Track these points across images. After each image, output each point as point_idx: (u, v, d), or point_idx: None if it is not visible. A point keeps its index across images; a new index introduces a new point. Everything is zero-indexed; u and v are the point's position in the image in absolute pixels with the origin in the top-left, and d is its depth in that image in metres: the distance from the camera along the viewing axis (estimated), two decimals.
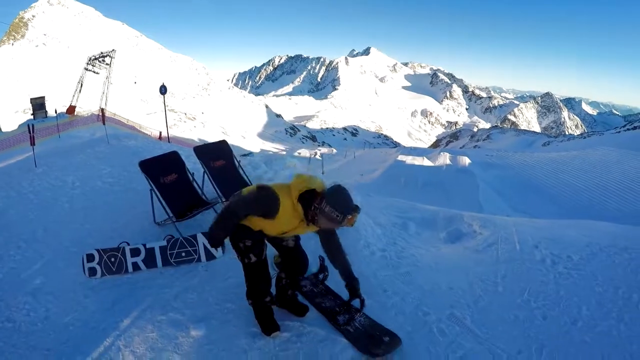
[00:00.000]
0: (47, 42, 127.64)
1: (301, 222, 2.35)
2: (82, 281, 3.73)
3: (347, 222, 2.19)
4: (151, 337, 2.73)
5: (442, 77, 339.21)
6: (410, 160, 31.29)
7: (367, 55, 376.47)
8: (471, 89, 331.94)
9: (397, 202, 6.45)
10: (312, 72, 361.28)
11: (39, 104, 27.29)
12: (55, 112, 20.51)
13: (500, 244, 4.14)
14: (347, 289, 2.72)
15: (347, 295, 2.79)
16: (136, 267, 3.78)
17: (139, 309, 3.09)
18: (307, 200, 2.27)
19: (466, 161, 32.04)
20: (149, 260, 3.79)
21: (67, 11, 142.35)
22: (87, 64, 29.94)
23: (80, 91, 30.19)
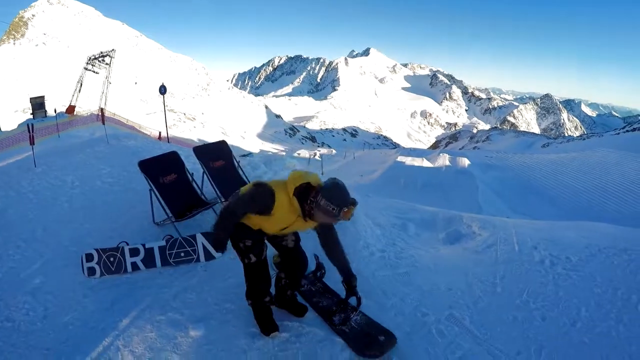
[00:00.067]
0: (47, 41, 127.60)
1: (298, 217, 2.34)
2: (82, 281, 3.73)
3: (344, 216, 2.17)
4: (150, 337, 2.73)
5: (441, 78, 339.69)
6: (409, 161, 31.31)
7: (366, 56, 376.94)
8: (471, 90, 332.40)
9: (397, 203, 6.46)
10: (311, 72, 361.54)
11: (38, 104, 27.30)
12: (54, 111, 20.52)
13: (499, 245, 4.14)
14: (344, 285, 2.70)
15: (344, 292, 2.78)
16: (135, 267, 3.78)
17: (138, 308, 3.09)
18: (303, 194, 2.27)
19: (465, 162, 32.08)
20: (148, 260, 3.79)
21: (67, 10, 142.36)
22: (87, 63, 29.94)
23: (79, 91, 30.18)
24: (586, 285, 3.32)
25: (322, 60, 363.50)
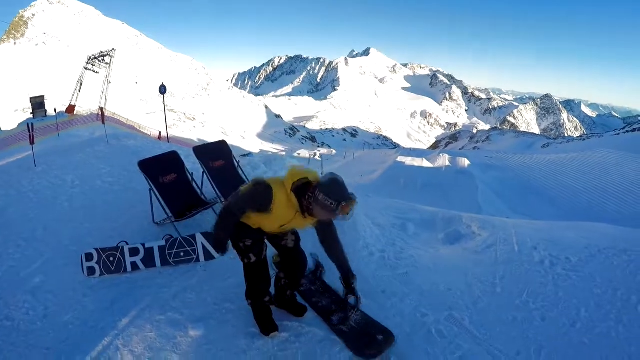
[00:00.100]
0: (47, 41, 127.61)
1: (297, 213, 2.34)
2: (82, 280, 3.72)
3: (342, 211, 2.15)
4: (150, 337, 2.73)
5: (441, 78, 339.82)
6: (409, 161, 31.34)
7: (366, 56, 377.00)
8: (471, 91, 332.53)
9: (396, 203, 6.46)
10: (311, 72, 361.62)
11: (38, 103, 27.29)
12: (54, 111, 20.51)
13: (499, 246, 4.14)
14: (342, 282, 2.69)
15: (343, 291, 2.77)
16: (135, 266, 3.78)
17: (137, 308, 3.09)
18: (301, 190, 2.26)
19: (465, 162, 32.12)
20: (148, 259, 3.78)
21: (67, 10, 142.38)
22: (87, 63, 29.91)
23: (79, 90, 30.16)
24: (586, 285, 3.32)
25: (322, 60, 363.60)
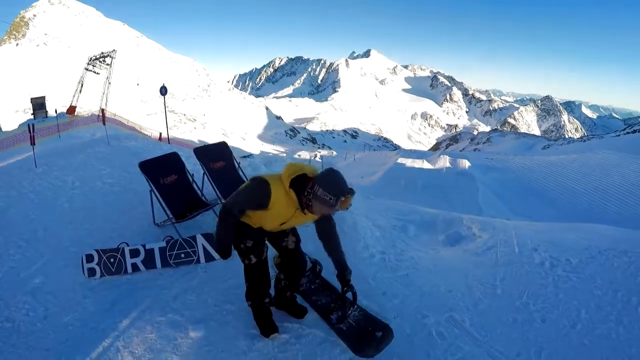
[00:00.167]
0: (48, 41, 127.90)
1: (297, 210, 2.32)
2: (82, 281, 3.72)
3: (341, 205, 2.13)
4: (150, 338, 2.73)
5: (442, 79, 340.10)
6: (410, 162, 31.37)
7: (367, 57, 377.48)
8: (471, 92, 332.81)
9: (397, 204, 6.46)
10: (312, 74, 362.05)
11: (39, 104, 27.30)
12: (55, 112, 20.52)
13: (499, 247, 4.14)
14: (338, 279, 2.65)
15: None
16: (135, 268, 3.77)
17: (138, 309, 3.09)
18: (299, 185, 2.24)
19: (466, 164, 32.14)
20: (148, 261, 3.78)
21: (68, 11, 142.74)
22: (88, 64, 29.99)
23: (80, 91, 30.22)
24: (586, 287, 3.32)
25: (322, 61, 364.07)
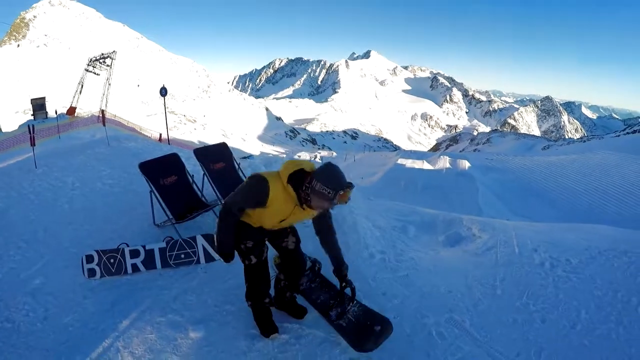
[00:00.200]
0: (48, 42, 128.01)
1: (296, 206, 2.31)
2: (82, 282, 3.72)
3: (340, 199, 2.12)
4: (150, 339, 2.73)
5: (442, 80, 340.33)
6: (410, 163, 31.39)
7: (367, 58, 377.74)
8: (471, 93, 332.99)
9: (397, 205, 6.46)
10: (312, 75, 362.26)
11: (39, 105, 27.29)
12: (55, 113, 20.51)
13: (499, 248, 4.14)
14: (335, 275, 2.65)
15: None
16: (135, 268, 3.78)
17: (138, 310, 3.09)
18: (297, 181, 2.24)
19: (466, 165, 32.15)
20: (148, 261, 3.79)
21: (68, 12, 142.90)
22: (88, 65, 29.99)
23: (80, 92, 30.22)
24: (586, 287, 3.32)
25: (322, 62, 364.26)
